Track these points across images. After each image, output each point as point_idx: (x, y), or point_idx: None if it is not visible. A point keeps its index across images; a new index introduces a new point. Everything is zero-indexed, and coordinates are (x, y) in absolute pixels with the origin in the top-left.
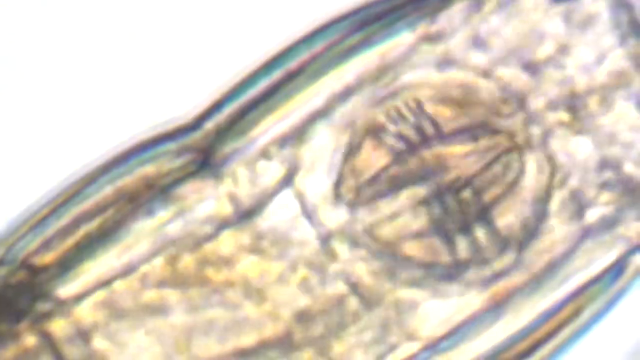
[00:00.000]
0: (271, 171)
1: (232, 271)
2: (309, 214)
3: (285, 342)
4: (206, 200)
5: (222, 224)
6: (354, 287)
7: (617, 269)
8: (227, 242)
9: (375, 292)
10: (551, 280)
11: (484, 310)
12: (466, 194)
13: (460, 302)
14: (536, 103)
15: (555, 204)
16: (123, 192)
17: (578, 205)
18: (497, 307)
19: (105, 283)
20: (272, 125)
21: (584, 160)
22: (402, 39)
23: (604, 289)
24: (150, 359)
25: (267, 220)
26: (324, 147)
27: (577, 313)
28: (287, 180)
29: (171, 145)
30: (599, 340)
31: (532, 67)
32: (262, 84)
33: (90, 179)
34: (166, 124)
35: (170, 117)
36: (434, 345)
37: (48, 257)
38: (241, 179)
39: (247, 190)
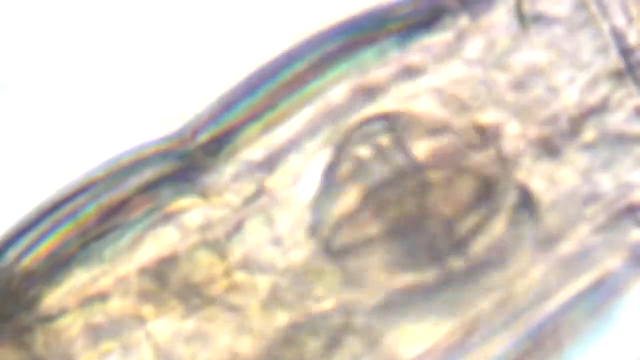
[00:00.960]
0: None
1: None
2: (278, 240)
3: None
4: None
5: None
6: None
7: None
8: (204, 260)
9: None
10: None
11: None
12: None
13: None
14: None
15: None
16: (109, 204)
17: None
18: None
19: (92, 295)
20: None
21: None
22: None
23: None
24: None
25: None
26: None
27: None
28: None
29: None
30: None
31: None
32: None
33: (78, 190)
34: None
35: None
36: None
37: (34, 267)
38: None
39: (221, 212)
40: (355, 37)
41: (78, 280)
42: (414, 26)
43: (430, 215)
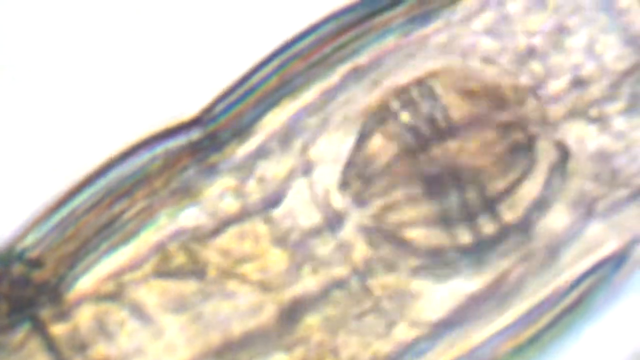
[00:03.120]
0: (279, 163)
1: (240, 264)
2: (317, 202)
3: (284, 329)
4: (215, 195)
5: (229, 220)
6: (358, 274)
7: (618, 259)
8: (233, 236)
9: (377, 278)
10: (552, 268)
11: (486, 296)
12: (472, 189)
13: (462, 288)
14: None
15: (560, 193)
16: (126, 190)
17: (583, 195)
18: (498, 294)
19: (111, 279)
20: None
21: (591, 150)
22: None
23: (605, 279)
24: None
25: (278, 211)
26: (334, 134)
27: (578, 302)
28: (296, 171)
29: (180, 141)
30: (600, 331)
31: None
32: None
33: (96, 177)
34: (171, 120)
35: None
36: (436, 331)
37: (50, 257)
38: (250, 173)
39: (256, 184)
40: None
41: (99, 268)
42: None
43: (465, 175)
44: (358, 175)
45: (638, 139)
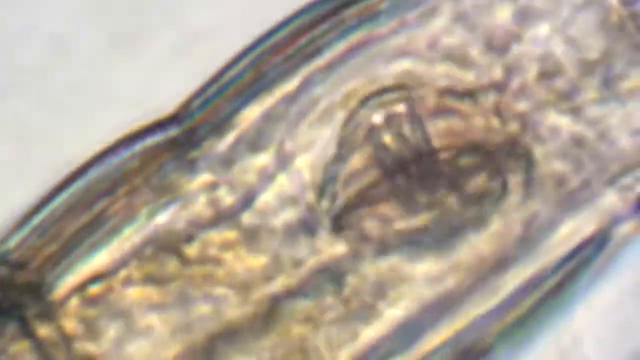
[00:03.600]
0: (255, 159)
1: (217, 267)
2: (292, 199)
3: (264, 324)
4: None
5: (204, 223)
6: (333, 269)
7: (599, 242)
8: (209, 239)
9: (350, 270)
10: (530, 252)
11: (463, 284)
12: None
13: (436, 274)
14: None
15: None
16: (107, 189)
17: (561, 182)
18: (475, 280)
19: (92, 281)
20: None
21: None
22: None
23: (588, 261)
24: (139, 355)
25: (253, 209)
26: (309, 129)
27: (561, 285)
28: (272, 166)
29: (159, 138)
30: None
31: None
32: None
33: (76, 177)
34: (150, 117)
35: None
36: (419, 318)
37: (33, 258)
38: (229, 169)
39: (233, 180)
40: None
41: (84, 267)
42: None
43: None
44: (333, 173)
45: (612, 125)
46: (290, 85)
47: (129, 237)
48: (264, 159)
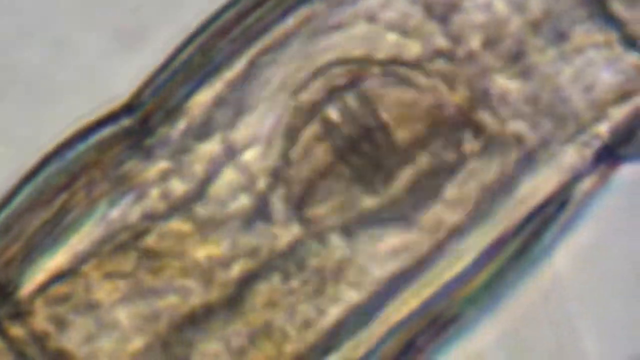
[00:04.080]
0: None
1: (176, 258)
2: (243, 185)
3: (233, 305)
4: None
5: (159, 215)
6: (292, 253)
7: (562, 199)
8: (166, 230)
9: (310, 252)
10: (492, 216)
11: (426, 252)
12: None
13: (397, 248)
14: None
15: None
16: (65, 184)
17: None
18: (438, 248)
19: (57, 278)
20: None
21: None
22: None
23: (551, 219)
24: (109, 348)
25: (206, 198)
26: (258, 113)
27: (525, 245)
28: (221, 153)
29: (113, 129)
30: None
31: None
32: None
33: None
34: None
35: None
36: (378, 293)
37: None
38: (183, 155)
39: (183, 175)
40: None
41: (48, 264)
42: None
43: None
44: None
45: (563, 84)
46: (236, 68)
47: (89, 232)
48: (213, 145)
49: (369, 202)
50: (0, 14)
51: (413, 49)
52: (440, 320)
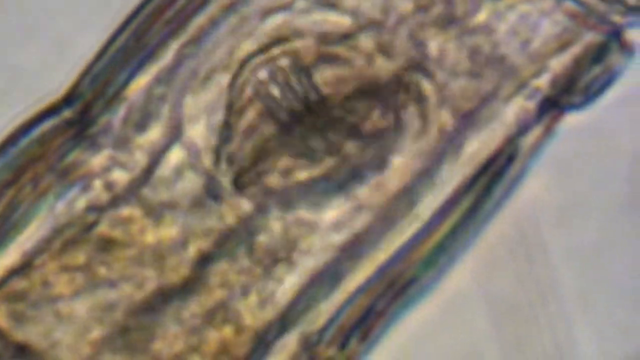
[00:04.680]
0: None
1: (127, 246)
2: (190, 166)
3: (188, 287)
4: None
5: (105, 204)
6: (243, 230)
7: (509, 154)
8: (116, 218)
9: (259, 228)
10: (439, 177)
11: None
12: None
13: (346, 218)
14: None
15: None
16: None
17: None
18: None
19: (13, 274)
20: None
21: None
22: None
23: (499, 174)
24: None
25: (153, 182)
26: (200, 93)
27: (474, 204)
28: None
29: (54, 121)
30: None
31: None
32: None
33: None
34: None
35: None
36: (332, 260)
37: None
38: (126, 143)
39: (126, 162)
40: None
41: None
42: None
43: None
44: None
45: (500, 41)
46: (172, 50)
47: (39, 226)
48: (155, 130)
49: (312, 172)
50: None
51: (344, 22)
52: (398, 284)
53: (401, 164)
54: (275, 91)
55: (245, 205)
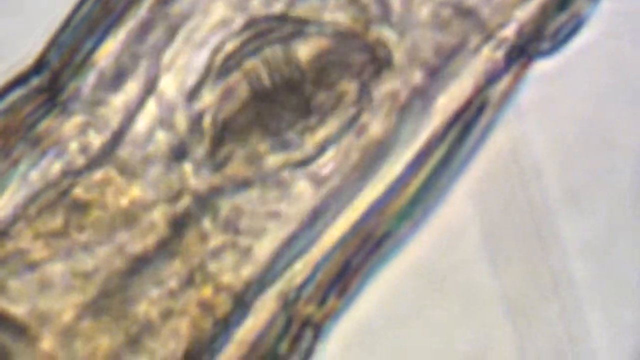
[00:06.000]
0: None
1: (102, 208)
2: (166, 125)
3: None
4: (64, 141)
5: (80, 168)
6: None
7: (479, 104)
8: (91, 182)
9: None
10: (409, 130)
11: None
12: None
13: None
14: None
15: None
16: None
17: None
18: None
19: None
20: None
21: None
22: None
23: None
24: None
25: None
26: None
27: (446, 156)
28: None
29: (21, 91)
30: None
31: None
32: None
33: None
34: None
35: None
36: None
37: None
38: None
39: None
40: None
41: None
42: None
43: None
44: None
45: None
46: (141, 14)
47: (13, 194)
48: (128, 93)
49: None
50: None
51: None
52: (373, 239)
53: (372, 120)
54: (255, 64)
55: (215, 178)
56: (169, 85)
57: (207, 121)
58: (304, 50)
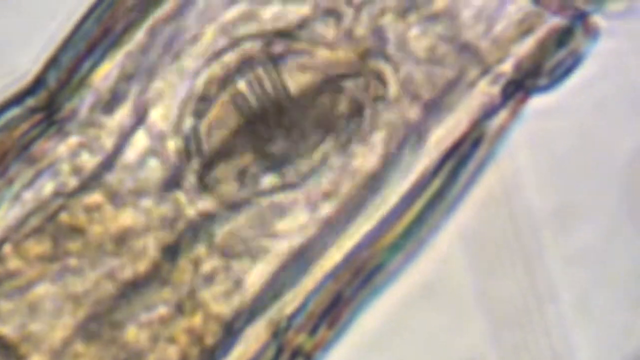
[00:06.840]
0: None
1: (94, 233)
2: (156, 153)
3: (154, 275)
4: (59, 162)
5: (72, 191)
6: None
7: (475, 137)
8: (80, 206)
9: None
10: (405, 163)
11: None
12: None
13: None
14: None
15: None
16: None
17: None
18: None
19: None
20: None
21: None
22: None
23: (465, 159)
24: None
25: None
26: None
27: (440, 189)
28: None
29: (19, 110)
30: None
31: None
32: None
33: None
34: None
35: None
36: (300, 247)
37: None
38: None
39: (94, 148)
40: None
41: None
42: None
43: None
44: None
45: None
46: (137, 38)
47: (5, 214)
48: (122, 116)
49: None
50: None
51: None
52: (365, 270)
53: (367, 151)
54: (243, 85)
55: (208, 203)
56: (159, 111)
57: (196, 146)
58: (296, 81)
